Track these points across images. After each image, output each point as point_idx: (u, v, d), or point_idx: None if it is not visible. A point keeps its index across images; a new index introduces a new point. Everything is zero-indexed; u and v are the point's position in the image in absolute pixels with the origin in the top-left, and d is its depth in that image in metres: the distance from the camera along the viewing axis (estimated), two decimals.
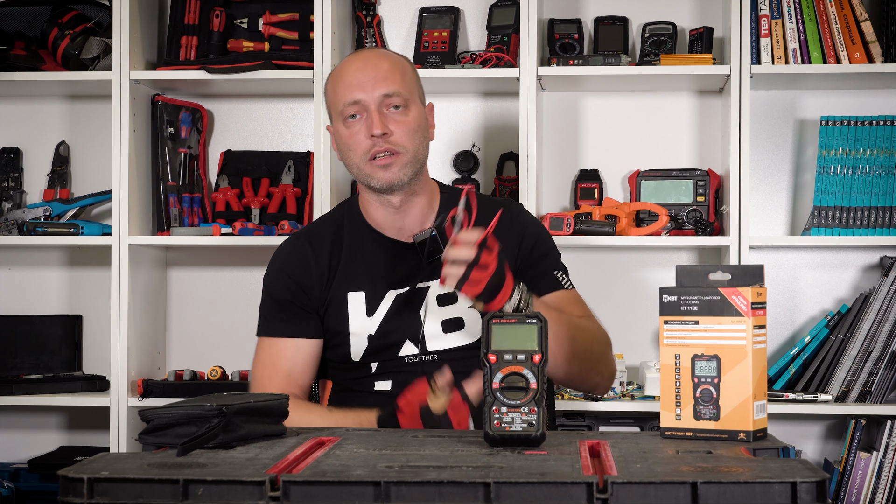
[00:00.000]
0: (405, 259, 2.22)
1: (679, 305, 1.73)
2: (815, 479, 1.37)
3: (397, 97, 2.17)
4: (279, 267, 2.27)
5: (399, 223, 2.23)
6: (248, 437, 1.67)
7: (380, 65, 2.19)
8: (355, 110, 2.17)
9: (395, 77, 2.18)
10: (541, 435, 1.65)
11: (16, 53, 3.38)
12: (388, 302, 2.20)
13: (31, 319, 3.46)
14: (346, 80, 2.18)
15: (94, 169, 3.52)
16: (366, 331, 2.19)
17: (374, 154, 2.15)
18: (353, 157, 2.18)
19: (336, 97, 2.20)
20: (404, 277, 2.21)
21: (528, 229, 2.27)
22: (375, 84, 2.16)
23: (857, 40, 3.14)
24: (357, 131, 2.17)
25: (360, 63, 2.20)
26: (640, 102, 3.40)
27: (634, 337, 3.36)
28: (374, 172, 2.16)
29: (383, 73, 2.18)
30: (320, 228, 2.30)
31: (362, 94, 2.16)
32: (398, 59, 2.24)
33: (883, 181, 3.14)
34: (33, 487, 3.33)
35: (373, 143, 2.15)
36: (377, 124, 2.15)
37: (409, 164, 2.17)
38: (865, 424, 3.12)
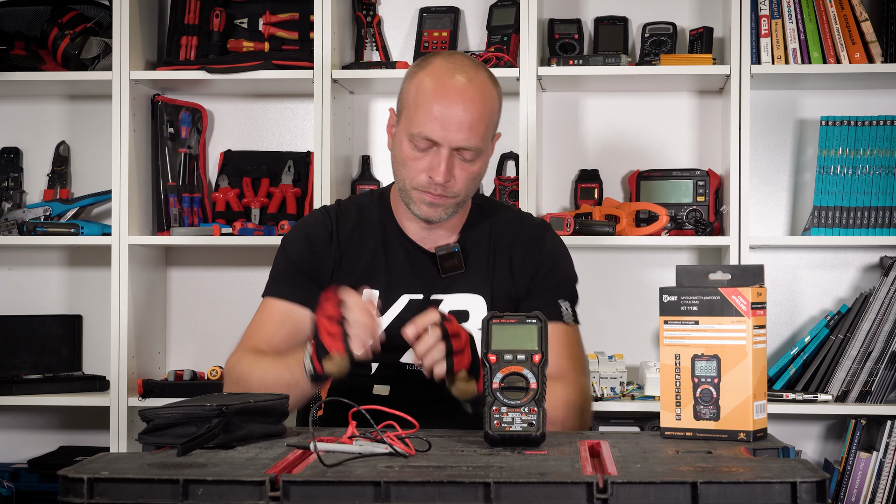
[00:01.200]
0: (425, 266, 2.17)
1: (679, 305, 1.73)
2: (815, 479, 1.37)
3: (471, 151, 2.06)
4: (301, 229, 2.22)
5: (426, 233, 2.18)
6: (248, 437, 1.67)
7: (471, 110, 2.04)
8: (426, 145, 2.06)
9: (480, 129, 2.06)
10: (541, 435, 1.65)
11: (16, 53, 3.38)
12: (400, 305, 2.16)
13: (31, 319, 3.46)
14: (433, 108, 2.04)
15: (94, 169, 3.52)
16: None
17: (426, 190, 2.08)
18: (404, 175, 2.10)
19: (415, 115, 2.06)
20: (420, 284, 2.17)
21: (545, 258, 2.20)
22: (458, 131, 2.04)
23: (857, 40, 3.14)
24: (419, 158, 2.07)
25: (455, 97, 2.04)
26: (640, 102, 3.40)
27: (634, 337, 3.36)
28: (419, 204, 2.09)
29: (470, 121, 2.04)
30: (349, 211, 2.22)
31: (441, 135, 2.04)
32: (490, 102, 2.08)
33: (883, 181, 3.14)
34: (33, 487, 3.33)
35: (429, 182, 2.07)
36: (443, 175, 2.05)
37: (455, 207, 2.12)
38: (865, 424, 3.12)
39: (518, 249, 2.20)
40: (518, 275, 2.18)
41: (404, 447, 1.56)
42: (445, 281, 2.16)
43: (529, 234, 2.21)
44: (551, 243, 2.24)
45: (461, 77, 2.06)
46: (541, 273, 2.19)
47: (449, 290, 2.16)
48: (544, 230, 2.25)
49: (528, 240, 2.21)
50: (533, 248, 2.21)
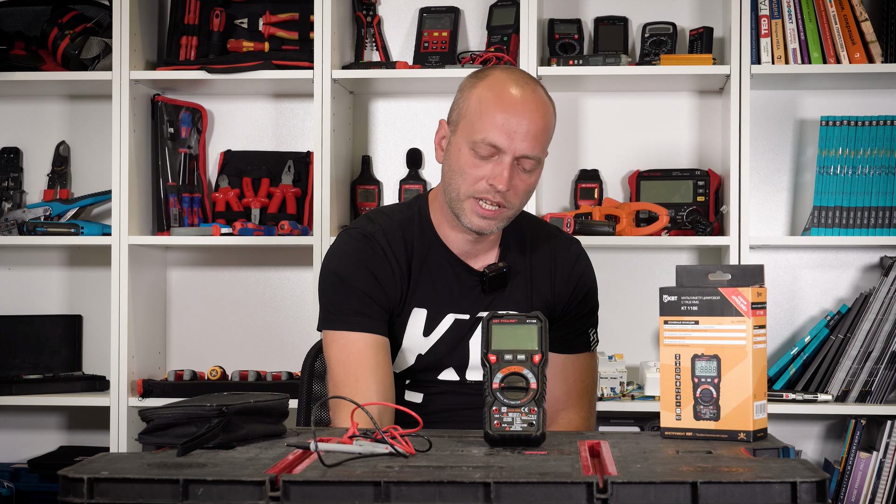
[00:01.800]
0: (469, 284, 2.15)
1: (679, 305, 1.73)
2: (815, 479, 1.37)
3: (532, 161, 2.05)
4: (358, 259, 2.10)
5: (469, 247, 2.15)
6: (248, 437, 1.67)
7: (536, 119, 2.04)
8: (489, 152, 2.03)
9: (542, 140, 2.06)
10: (541, 435, 1.65)
11: (16, 53, 3.38)
12: (445, 325, 2.14)
13: (31, 319, 3.46)
14: (498, 117, 2.03)
15: (94, 169, 3.52)
16: (417, 349, 2.14)
17: (483, 197, 2.05)
18: (460, 184, 2.06)
19: (479, 123, 2.04)
20: (465, 303, 2.14)
21: (585, 279, 2.21)
22: (525, 139, 2.03)
23: (857, 40, 3.14)
24: (479, 166, 2.04)
25: (521, 105, 2.04)
26: (640, 102, 3.40)
27: (634, 337, 3.36)
28: (472, 214, 2.06)
29: (535, 131, 2.04)
30: (392, 229, 2.14)
31: (507, 143, 2.02)
32: (551, 115, 2.10)
33: (883, 181, 3.14)
34: (33, 487, 3.33)
35: (487, 189, 2.04)
36: (505, 182, 2.02)
37: (506, 220, 2.10)
38: (865, 424, 3.12)
39: (559, 265, 2.20)
40: (557, 288, 2.19)
41: (404, 447, 1.55)
42: (487, 299, 2.15)
43: (566, 251, 2.21)
44: (587, 262, 2.25)
45: (524, 89, 2.07)
46: (578, 296, 2.20)
47: (490, 307, 2.14)
48: (578, 246, 2.25)
49: (566, 255, 2.21)
50: (574, 265, 2.21)
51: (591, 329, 2.24)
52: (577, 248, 2.24)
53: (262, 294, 3.50)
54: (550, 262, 2.19)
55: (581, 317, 2.21)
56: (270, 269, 3.50)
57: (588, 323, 2.23)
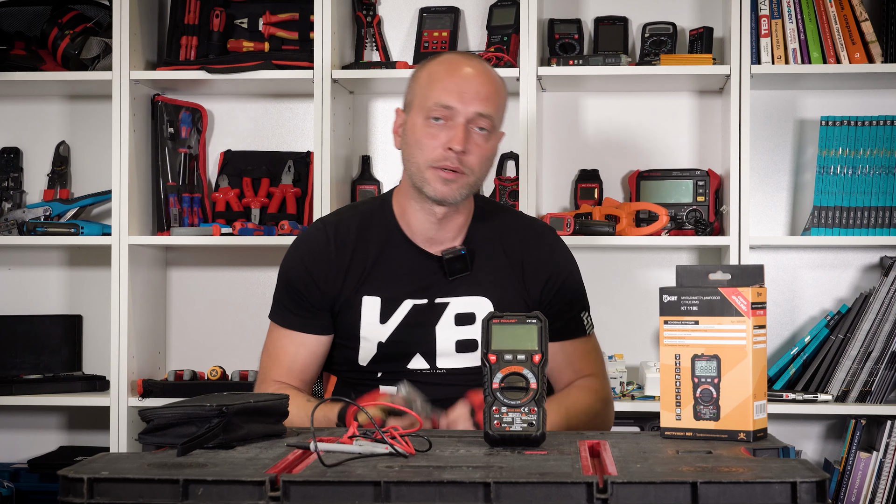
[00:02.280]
0: (428, 270, 2.17)
1: (679, 305, 1.73)
2: (815, 479, 1.37)
3: (487, 120, 2.11)
4: (299, 255, 2.21)
5: (433, 232, 2.17)
6: (248, 437, 1.67)
7: (485, 81, 2.12)
8: (444, 115, 2.09)
9: (494, 101, 2.12)
10: (541, 435, 1.65)
11: (16, 53, 3.38)
12: (403, 311, 2.16)
13: (31, 319, 3.46)
14: (446, 81, 2.11)
15: (94, 169, 3.52)
16: (377, 337, 2.16)
17: (442, 165, 2.09)
18: (419, 157, 2.11)
19: (429, 91, 2.11)
20: (424, 288, 2.16)
21: (561, 265, 2.23)
22: (475, 99, 2.10)
23: (857, 40, 3.14)
24: (435, 134, 2.10)
25: (470, 71, 2.13)
26: (640, 102, 3.40)
27: (634, 337, 3.36)
28: (434, 182, 2.10)
29: (486, 91, 2.11)
30: (349, 221, 2.21)
31: (458, 103, 2.09)
32: (500, 83, 2.17)
33: (883, 181, 3.14)
34: (33, 487, 3.33)
35: (445, 155, 2.09)
36: (459, 140, 2.08)
37: (469, 187, 2.12)
38: (865, 424, 3.12)
39: (529, 256, 2.21)
40: (531, 281, 2.19)
41: (405, 447, 1.55)
42: (451, 284, 2.16)
43: (539, 241, 2.23)
44: (562, 252, 2.26)
45: (473, 61, 2.17)
46: (556, 282, 2.21)
47: (454, 293, 2.16)
48: (553, 237, 2.27)
49: (538, 246, 2.22)
50: (545, 256, 2.22)
51: (583, 313, 2.24)
52: (550, 239, 2.26)
53: (262, 294, 3.50)
54: (524, 253, 2.20)
55: (567, 303, 2.21)
56: (270, 269, 3.49)
57: (576, 308, 2.23)
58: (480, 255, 2.19)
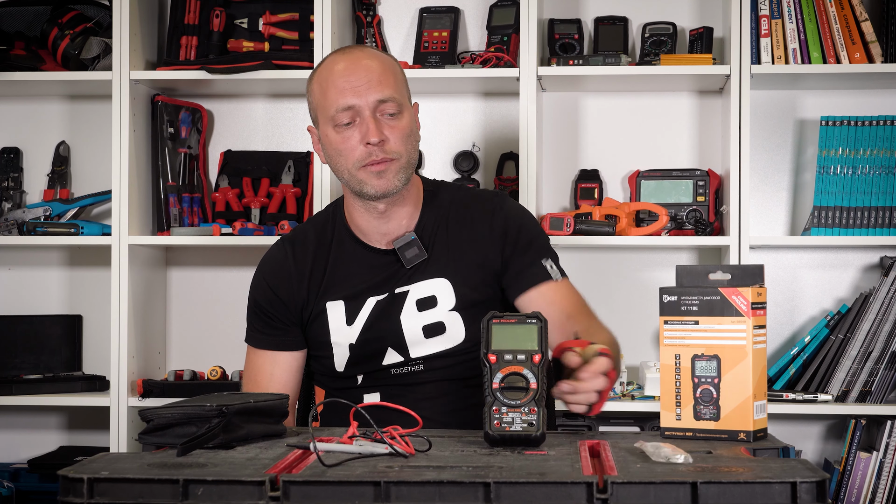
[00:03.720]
0: (384, 265, 2.18)
1: (679, 305, 1.73)
2: (815, 479, 1.37)
3: (392, 103, 2.08)
4: (262, 275, 2.24)
5: (383, 228, 2.17)
6: (248, 437, 1.67)
7: (372, 66, 2.09)
8: (349, 117, 2.08)
9: (389, 80, 2.10)
10: (541, 435, 1.65)
11: (16, 53, 3.38)
12: (367, 309, 2.16)
13: (31, 319, 3.46)
14: (338, 83, 2.08)
15: (94, 169, 3.52)
16: (347, 340, 2.17)
17: (368, 162, 2.08)
18: (345, 163, 2.10)
19: (326, 101, 2.10)
20: (382, 283, 2.17)
21: (510, 221, 2.20)
22: (370, 88, 2.07)
23: (857, 40, 3.14)
24: (349, 136, 2.08)
25: (351, 64, 2.10)
26: (640, 102, 3.40)
27: (634, 337, 3.36)
28: (369, 179, 2.09)
29: (377, 76, 2.08)
30: (306, 233, 2.24)
31: (356, 99, 2.07)
32: (388, 60, 2.14)
33: (883, 181, 3.14)
34: (33, 487, 3.33)
35: (368, 151, 2.07)
36: (374, 132, 2.06)
37: (403, 170, 2.11)
38: (865, 424, 3.12)
39: (479, 222, 2.19)
40: (485, 245, 2.17)
41: (404, 447, 1.55)
42: (408, 272, 2.16)
43: (487, 205, 2.21)
44: (511, 207, 2.24)
45: (351, 52, 2.15)
46: (510, 237, 2.18)
47: (412, 280, 2.16)
48: (501, 198, 2.25)
49: (486, 210, 2.20)
50: (494, 215, 2.20)
51: (544, 259, 2.18)
52: (498, 201, 2.23)
53: None
54: (473, 222, 2.19)
55: (523, 252, 2.17)
56: None
57: (535, 255, 2.18)
58: (432, 236, 2.18)
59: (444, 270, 2.16)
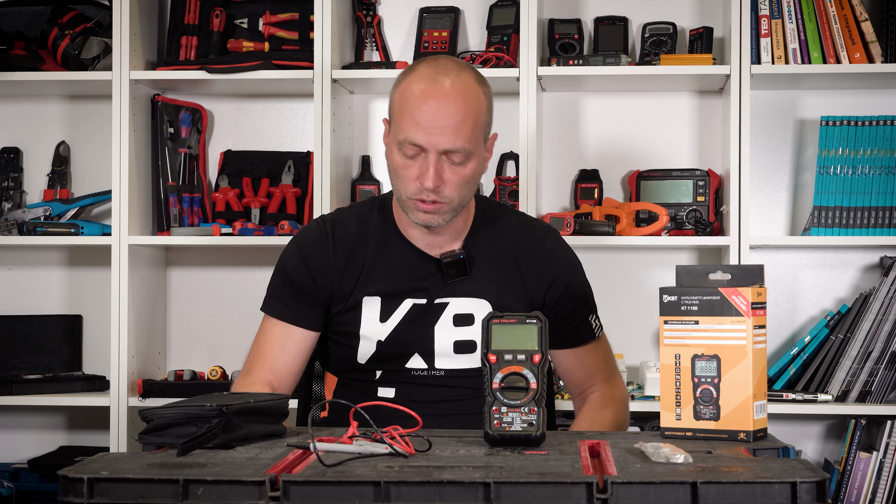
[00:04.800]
0: (428, 271, 2.16)
1: (679, 305, 1.73)
2: (815, 479, 1.37)
3: (459, 154, 2.03)
4: (298, 248, 2.19)
5: (429, 238, 2.16)
6: (248, 437, 1.67)
7: (453, 111, 2.02)
8: (413, 152, 2.04)
9: (466, 129, 2.03)
10: (541, 435, 1.65)
11: (16, 53, 3.38)
12: (403, 310, 2.15)
13: (31, 319, 3.46)
14: (415, 114, 2.02)
15: (94, 169, 3.52)
16: (376, 336, 2.15)
17: (419, 198, 2.06)
18: (398, 185, 2.08)
19: (401, 122, 2.05)
20: (424, 289, 2.15)
21: (565, 268, 2.20)
22: (442, 134, 2.01)
23: (857, 40, 3.14)
24: (409, 166, 2.05)
25: (436, 100, 2.02)
26: (640, 102, 3.40)
27: (634, 337, 3.36)
28: (416, 211, 2.07)
29: (454, 123, 2.02)
30: (349, 220, 2.20)
31: (426, 140, 2.02)
32: (474, 103, 2.05)
33: (883, 181, 3.14)
34: (33, 487, 3.33)
35: (420, 189, 2.05)
36: (431, 179, 2.02)
37: (451, 212, 2.09)
38: (865, 424, 3.12)
39: (531, 259, 2.18)
40: (532, 284, 2.18)
41: (404, 447, 1.55)
42: (450, 285, 2.15)
43: (541, 243, 2.20)
44: (564, 254, 2.23)
45: (444, 80, 2.04)
46: (559, 289, 2.18)
47: (454, 293, 2.15)
48: (555, 239, 2.24)
49: (540, 249, 2.20)
50: (547, 259, 2.19)
51: (591, 316, 2.22)
52: (553, 242, 2.22)
53: (262, 294, 3.49)
54: (523, 255, 2.18)
55: (574, 309, 2.20)
56: (270, 270, 3.48)
57: (585, 311, 2.21)
58: (480, 258, 2.17)
59: (486, 293, 2.15)
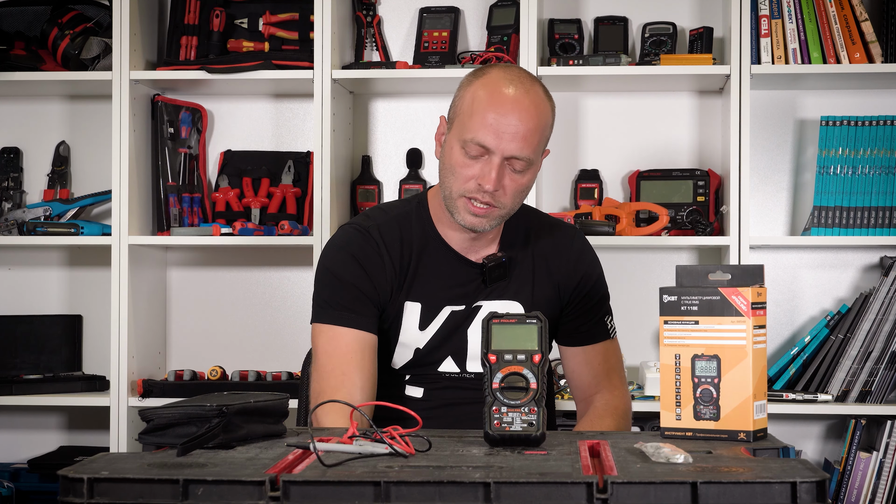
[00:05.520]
0: (468, 276, 2.15)
1: (679, 305, 1.73)
2: (815, 479, 1.37)
3: (522, 162, 2.04)
4: (351, 253, 2.12)
5: (467, 243, 2.15)
6: (248, 437, 1.67)
7: (525, 120, 2.02)
8: (479, 152, 2.03)
9: (533, 141, 2.04)
10: (541, 435, 1.65)
11: (16, 53, 3.38)
12: (442, 317, 2.14)
13: (31, 319, 3.46)
14: (488, 115, 2.02)
15: (94, 169, 3.52)
16: (415, 343, 2.14)
17: (473, 197, 2.05)
18: (452, 182, 2.06)
19: (469, 121, 2.04)
20: (463, 295, 2.14)
21: (591, 268, 2.22)
22: (513, 140, 2.02)
23: (857, 40, 3.14)
24: (469, 165, 2.04)
25: (512, 105, 2.02)
26: (640, 102, 3.40)
27: (634, 337, 3.36)
28: (463, 212, 2.06)
29: (524, 132, 2.02)
30: (389, 225, 2.15)
31: (495, 143, 2.01)
32: (545, 116, 2.07)
33: (883, 181, 3.14)
34: (33, 487, 3.33)
35: (477, 189, 2.04)
36: (492, 181, 2.02)
37: (499, 219, 2.09)
38: (865, 424, 3.12)
39: (560, 259, 2.20)
40: (562, 284, 2.19)
41: (404, 447, 1.55)
42: (488, 289, 2.15)
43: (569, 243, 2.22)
44: (590, 254, 2.25)
45: (518, 88, 2.05)
46: (585, 284, 2.20)
47: (489, 297, 2.15)
48: (582, 239, 2.26)
49: (568, 249, 2.21)
50: (576, 259, 2.21)
51: (607, 316, 2.25)
52: (580, 242, 2.24)
53: (262, 294, 3.50)
54: (553, 255, 2.19)
55: (593, 307, 2.22)
56: (270, 269, 3.50)
57: (601, 311, 2.24)
58: (516, 261, 2.18)
59: (519, 295, 2.16)
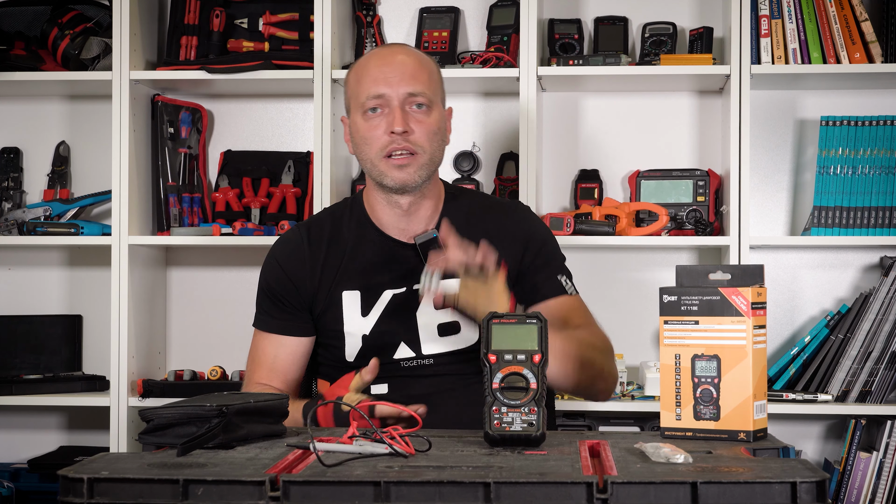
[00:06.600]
0: (405, 259, 2.19)
1: (679, 305, 1.73)
2: (815, 479, 1.37)
3: (422, 97, 2.14)
4: (274, 258, 2.25)
5: (404, 224, 2.21)
6: (248, 437, 1.67)
7: (407, 62, 2.16)
8: (377, 104, 2.14)
9: (423, 76, 2.16)
10: (541, 435, 1.65)
11: (16, 53, 3.38)
12: (383, 302, 2.18)
13: (31, 319, 3.46)
14: (372, 73, 2.15)
15: (94, 169, 3.52)
16: (360, 331, 2.18)
17: (390, 151, 2.13)
18: (369, 152, 2.16)
19: (359, 88, 2.17)
20: (402, 277, 2.18)
21: (534, 232, 2.25)
22: (402, 80, 2.14)
23: (857, 40, 3.14)
24: (376, 125, 2.14)
25: (388, 57, 2.18)
26: (640, 102, 3.40)
27: (634, 337, 3.36)
28: (389, 171, 2.14)
29: (411, 70, 2.15)
30: (321, 222, 2.27)
31: (387, 88, 2.13)
32: (426, 59, 2.22)
33: (883, 181, 3.14)
34: (33, 487, 3.33)
35: (391, 139, 2.13)
36: (399, 121, 2.12)
37: (425, 167, 2.15)
38: (865, 424, 3.12)
39: (501, 226, 2.22)
40: (508, 255, 2.19)
41: (404, 447, 1.55)
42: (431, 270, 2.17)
43: (509, 211, 2.27)
44: (535, 219, 2.30)
45: (388, 47, 2.25)
46: (532, 249, 2.22)
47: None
48: (524, 209, 2.32)
49: (508, 216, 2.25)
50: (518, 223, 2.25)
51: (560, 275, 2.24)
52: (521, 211, 2.30)
53: None
54: (496, 232, 2.21)
55: (541, 265, 2.22)
56: None
57: (553, 269, 2.23)
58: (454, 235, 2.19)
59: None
